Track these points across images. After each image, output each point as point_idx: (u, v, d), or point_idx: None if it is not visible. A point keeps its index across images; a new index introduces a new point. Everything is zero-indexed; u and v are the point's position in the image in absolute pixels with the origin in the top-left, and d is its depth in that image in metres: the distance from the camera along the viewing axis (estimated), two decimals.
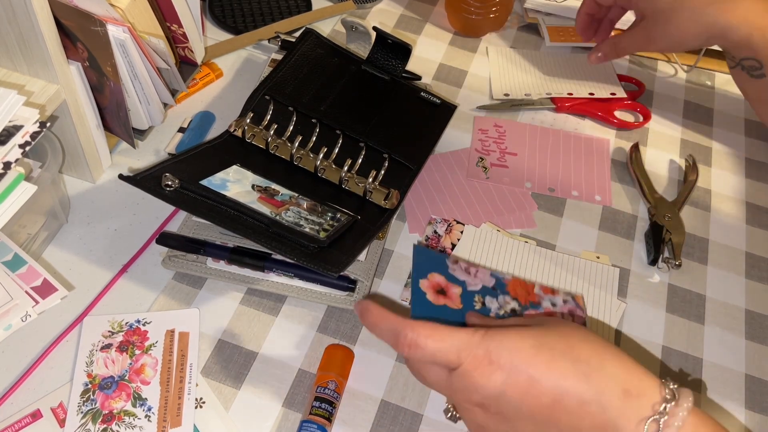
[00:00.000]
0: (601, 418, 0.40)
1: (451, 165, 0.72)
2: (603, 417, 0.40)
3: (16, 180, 0.50)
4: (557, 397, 0.41)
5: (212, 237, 0.59)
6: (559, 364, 0.41)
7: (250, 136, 0.66)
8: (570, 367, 0.41)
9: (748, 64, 0.69)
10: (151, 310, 0.58)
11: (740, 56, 0.69)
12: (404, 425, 0.54)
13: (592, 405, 0.40)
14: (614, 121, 0.78)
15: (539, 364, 0.41)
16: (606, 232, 0.69)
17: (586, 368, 0.41)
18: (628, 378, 0.41)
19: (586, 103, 0.79)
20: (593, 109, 0.79)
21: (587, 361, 0.41)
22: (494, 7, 0.84)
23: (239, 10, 0.86)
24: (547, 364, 0.41)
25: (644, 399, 0.40)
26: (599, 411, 0.40)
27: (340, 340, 0.58)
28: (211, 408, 0.53)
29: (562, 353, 0.41)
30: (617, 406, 0.40)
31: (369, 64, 0.73)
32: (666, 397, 0.40)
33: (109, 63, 0.57)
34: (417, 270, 0.50)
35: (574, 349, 0.41)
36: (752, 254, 0.69)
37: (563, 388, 0.40)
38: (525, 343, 0.42)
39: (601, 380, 0.40)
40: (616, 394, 0.40)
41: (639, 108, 0.80)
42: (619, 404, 0.40)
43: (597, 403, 0.40)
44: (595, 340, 0.43)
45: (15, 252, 0.55)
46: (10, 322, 0.51)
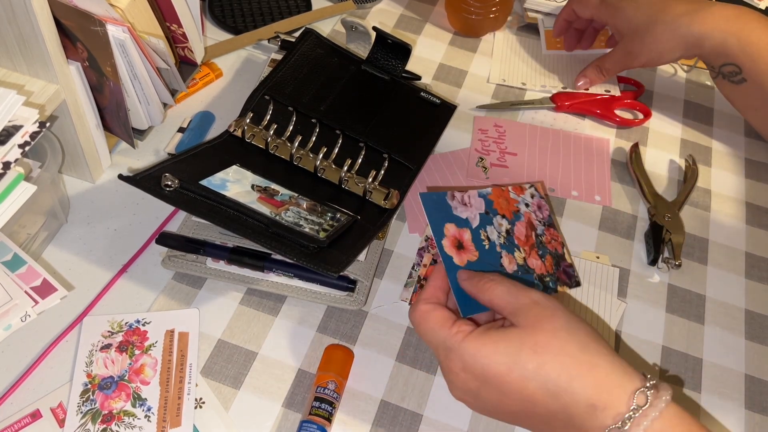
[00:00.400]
0: (569, 424, 0.43)
1: (451, 165, 0.72)
2: (570, 423, 0.43)
3: (16, 180, 0.50)
4: (527, 407, 0.44)
5: (212, 237, 0.59)
6: (528, 385, 0.43)
7: (250, 136, 0.66)
8: (539, 388, 0.43)
9: (728, 71, 0.70)
10: (150, 310, 0.58)
11: (719, 64, 0.71)
12: (404, 425, 0.54)
13: (559, 416, 0.43)
14: (616, 119, 0.78)
15: (510, 383, 0.44)
16: (606, 232, 0.69)
17: (554, 388, 0.43)
18: (595, 393, 0.42)
19: (586, 102, 0.79)
20: (593, 108, 0.79)
21: (556, 381, 0.43)
22: (494, 7, 0.84)
23: (239, 10, 0.86)
24: (517, 384, 0.43)
25: (609, 410, 0.42)
26: (566, 419, 0.43)
27: (339, 340, 0.58)
28: (210, 408, 0.53)
29: (533, 373, 0.43)
30: (584, 417, 0.42)
31: (369, 64, 0.73)
32: (634, 405, 0.42)
33: (108, 63, 0.57)
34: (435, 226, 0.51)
35: (544, 366, 0.43)
36: (752, 254, 0.69)
37: (533, 403, 0.44)
38: (497, 355, 0.44)
39: (567, 398, 0.43)
40: (581, 408, 0.42)
41: (639, 107, 0.80)
42: (585, 416, 0.42)
43: (564, 415, 0.43)
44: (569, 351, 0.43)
45: (15, 252, 0.55)
46: (10, 322, 0.51)
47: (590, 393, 0.42)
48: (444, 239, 0.51)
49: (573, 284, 0.59)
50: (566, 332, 0.44)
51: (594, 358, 0.43)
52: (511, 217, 0.57)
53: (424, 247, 0.64)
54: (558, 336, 0.44)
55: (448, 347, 0.46)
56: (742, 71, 0.69)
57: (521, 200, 0.59)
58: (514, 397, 0.44)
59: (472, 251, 0.52)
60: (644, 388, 0.42)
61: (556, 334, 0.44)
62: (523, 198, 0.59)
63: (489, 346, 0.44)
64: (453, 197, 0.54)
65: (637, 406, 0.41)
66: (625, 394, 0.42)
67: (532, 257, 0.57)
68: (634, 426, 0.41)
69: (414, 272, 0.63)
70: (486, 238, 0.54)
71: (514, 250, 0.55)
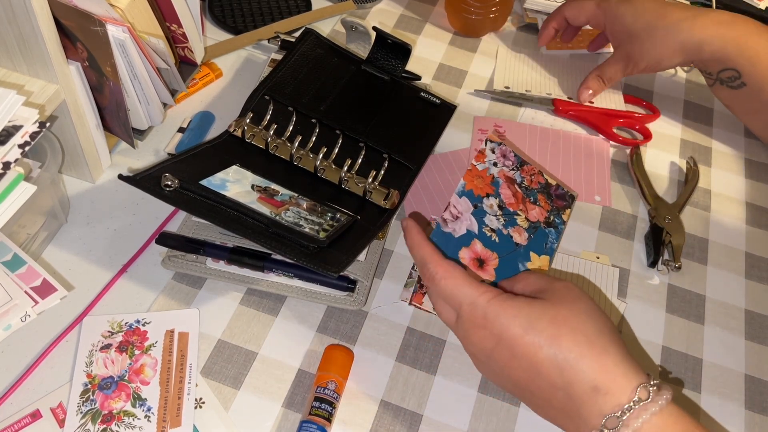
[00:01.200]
0: (567, 403, 0.44)
1: (451, 165, 0.72)
2: (569, 403, 0.44)
3: (16, 180, 0.50)
4: (533, 376, 0.45)
5: (212, 237, 0.59)
6: (538, 352, 0.44)
7: (250, 136, 0.66)
8: (548, 357, 0.44)
9: (727, 76, 0.70)
10: (150, 310, 0.58)
11: (717, 70, 0.71)
12: (404, 425, 0.54)
13: (560, 391, 0.44)
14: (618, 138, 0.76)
15: (523, 345, 0.45)
16: (606, 233, 0.69)
17: (563, 362, 0.44)
18: (601, 377, 0.43)
19: (586, 112, 0.78)
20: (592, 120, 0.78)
21: (566, 354, 0.44)
22: (494, 7, 0.84)
23: (239, 10, 0.86)
24: (529, 347, 0.45)
25: (611, 397, 0.43)
26: (566, 397, 0.44)
27: (340, 340, 0.58)
28: (210, 408, 0.53)
29: (547, 340, 0.44)
30: (583, 399, 0.43)
31: (369, 64, 0.73)
32: (635, 398, 0.42)
33: (108, 63, 0.57)
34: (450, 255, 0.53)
35: (558, 338, 0.44)
36: (752, 254, 0.69)
37: (538, 372, 0.45)
38: (518, 318, 0.45)
39: (572, 375, 0.44)
40: (584, 389, 0.43)
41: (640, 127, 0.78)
42: (585, 398, 0.43)
43: (564, 391, 0.44)
44: (585, 332, 0.45)
45: (14, 252, 0.55)
46: (10, 322, 0.51)
47: (596, 376, 0.43)
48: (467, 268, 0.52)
49: (570, 201, 0.60)
50: (586, 315, 0.46)
51: (607, 345, 0.44)
52: (492, 191, 0.57)
53: None
54: (578, 316, 0.45)
55: (473, 303, 0.47)
56: (741, 75, 0.69)
57: (488, 164, 0.59)
58: (522, 362, 0.45)
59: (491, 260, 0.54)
60: (647, 384, 0.43)
61: (576, 313, 0.45)
62: (488, 160, 0.60)
63: (513, 309, 0.46)
64: (444, 221, 0.54)
65: (639, 399, 0.42)
66: (629, 385, 0.43)
67: (529, 210, 0.57)
68: (633, 418, 0.42)
69: (414, 272, 0.63)
70: (491, 231, 0.54)
71: (515, 218, 0.56)
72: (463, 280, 0.48)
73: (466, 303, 0.48)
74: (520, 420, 0.55)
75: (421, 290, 0.61)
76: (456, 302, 0.48)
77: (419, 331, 0.59)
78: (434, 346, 0.59)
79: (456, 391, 0.56)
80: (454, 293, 0.48)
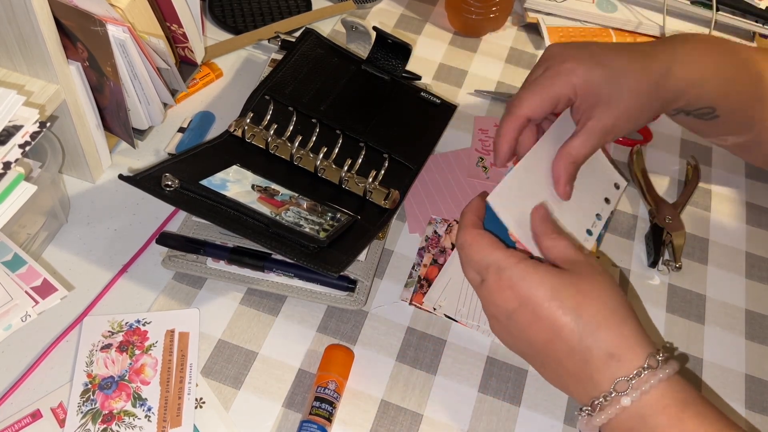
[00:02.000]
0: (582, 368, 0.46)
1: (451, 165, 0.72)
2: (583, 367, 0.46)
3: (16, 180, 0.50)
4: (551, 338, 0.47)
5: (212, 237, 0.59)
6: (561, 317, 0.46)
7: (250, 136, 0.66)
8: (569, 323, 0.46)
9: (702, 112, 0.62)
10: (151, 310, 0.58)
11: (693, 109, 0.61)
12: (404, 425, 0.54)
13: (577, 355, 0.46)
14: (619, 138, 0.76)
15: (547, 309, 0.46)
16: (606, 232, 0.68)
17: (583, 328, 0.46)
18: (617, 344, 0.45)
19: None
20: None
21: (587, 322, 0.46)
22: (494, 7, 0.84)
23: (239, 10, 0.86)
24: (552, 311, 0.46)
25: (625, 363, 0.45)
26: (582, 362, 0.46)
27: (340, 340, 0.58)
28: (211, 408, 0.53)
29: (570, 308, 0.46)
30: (598, 364, 0.45)
31: (369, 64, 0.73)
32: (645, 365, 0.45)
33: (108, 63, 0.57)
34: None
35: (581, 307, 0.46)
36: (752, 254, 0.69)
37: (557, 335, 0.46)
38: (543, 285, 0.47)
39: (591, 341, 0.46)
40: (599, 355, 0.45)
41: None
42: (600, 363, 0.45)
43: (581, 356, 0.46)
44: (605, 303, 0.47)
45: (15, 252, 0.55)
46: (10, 322, 0.51)
47: (612, 343, 0.45)
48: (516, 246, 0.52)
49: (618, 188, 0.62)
50: (610, 290, 0.47)
51: (625, 317, 0.47)
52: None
53: (424, 247, 0.64)
54: (600, 290, 0.47)
55: (500, 266, 0.48)
56: (716, 110, 0.61)
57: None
58: (543, 324, 0.47)
59: None
60: (657, 355, 0.45)
61: (600, 287, 0.47)
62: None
63: (539, 274, 0.47)
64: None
65: (648, 366, 0.45)
66: (643, 353, 0.45)
67: None
68: (642, 381, 0.44)
69: (414, 272, 0.63)
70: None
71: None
72: (489, 246, 0.49)
73: (492, 267, 0.49)
74: (520, 420, 0.55)
75: (421, 290, 0.61)
76: (483, 266, 0.49)
77: (419, 331, 0.59)
78: (434, 346, 0.59)
79: (456, 391, 0.56)
80: (481, 258, 0.49)
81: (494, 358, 0.58)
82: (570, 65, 0.55)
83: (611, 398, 0.45)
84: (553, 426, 0.55)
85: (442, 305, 0.60)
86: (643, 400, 0.44)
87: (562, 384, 0.49)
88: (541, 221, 0.52)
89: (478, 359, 0.58)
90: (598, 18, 0.88)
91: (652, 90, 0.56)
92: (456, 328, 0.60)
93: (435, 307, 0.60)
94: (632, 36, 0.88)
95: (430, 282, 0.62)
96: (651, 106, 0.57)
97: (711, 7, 0.84)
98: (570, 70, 0.55)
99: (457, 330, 0.60)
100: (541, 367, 0.50)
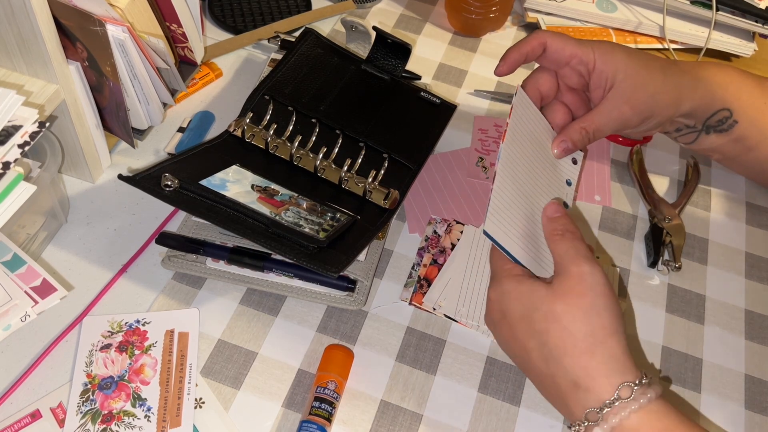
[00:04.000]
0: (555, 391, 0.47)
1: (451, 165, 0.72)
2: (556, 391, 0.47)
3: (15, 180, 0.50)
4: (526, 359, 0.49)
5: (212, 237, 0.59)
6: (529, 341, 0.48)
7: (250, 136, 0.66)
8: (536, 348, 0.47)
9: (718, 119, 0.62)
10: (150, 310, 0.58)
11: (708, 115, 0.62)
12: (404, 425, 0.54)
13: (548, 379, 0.47)
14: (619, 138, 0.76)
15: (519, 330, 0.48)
16: (606, 233, 0.68)
17: (548, 355, 0.47)
18: (581, 375, 0.45)
19: None
20: None
21: (552, 349, 0.46)
22: (494, 7, 0.84)
23: (239, 10, 0.86)
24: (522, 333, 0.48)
25: (592, 393, 0.45)
26: (553, 386, 0.47)
27: (339, 340, 0.58)
28: (210, 408, 0.53)
29: (537, 332, 0.47)
30: (566, 392, 0.46)
31: (369, 64, 0.73)
32: (615, 396, 0.44)
33: (108, 63, 0.57)
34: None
35: (547, 332, 0.47)
36: (752, 254, 0.69)
37: (529, 357, 0.48)
38: (519, 306, 0.48)
39: (555, 368, 0.47)
40: (565, 382, 0.46)
41: None
42: (568, 391, 0.46)
43: (551, 380, 0.47)
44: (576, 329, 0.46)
45: (14, 252, 0.55)
46: (10, 322, 0.51)
47: (576, 373, 0.46)
48: None
49: None
50: (583, 314, 0.46)
51: (594, 345, 0.46)
52: None
53: (424, 247, 0.64)
54: (573, 314, 0.46)
55: (494, 277, 0.52)
56: (732, 114, 0.62)
57: None
58: (518, 344, 0.49)
59: None
60: (632, 383, 0.44)
61: (572, 311, 0.46)
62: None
63: (517, 293, 0.49)
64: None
65: (619, 397, 0.44)
66: (609, 385, 0.45)
67: None
68: (612, 414, 0.44)
69: (414, 272, 0.63)
70: None
71: None
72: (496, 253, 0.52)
73: (492, 273, 0.52)
74: (520, 420, 0.55)
75: (420, 290, 0.61)
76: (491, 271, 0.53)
77: (419, 331, 0.59)
78: (434, 346, 0.59)
79: (456, 391, 0.56)
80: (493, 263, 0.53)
81: (494, 358, 0.58)
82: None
83: (585, 426, 0.45)
84: (552, 426, 0.55)
85: (442, 305, 0.60)
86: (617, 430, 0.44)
87: (547, 398, 0.50)
88: (549, 221, 0.53)
89: (478, 359, 0.58)
90: (598, 18, 0.88)
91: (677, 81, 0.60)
92: (456, 328, 0.60)
93: (435, 307, 0.60)
94: (632, 36, 0.88)
95: (430, 282, 0.62)
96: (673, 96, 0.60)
97: (711, 7, 0.84)
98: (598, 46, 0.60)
99: (456, 330, 0.60)
100: (530, 378, 0.51)
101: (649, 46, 0.88)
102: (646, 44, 0.87)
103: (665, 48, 0.87)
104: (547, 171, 0.58)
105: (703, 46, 0.85)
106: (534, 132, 0.58)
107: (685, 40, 0.87)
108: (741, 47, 0.87)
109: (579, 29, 0.88)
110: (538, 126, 0.59)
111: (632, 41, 0.87)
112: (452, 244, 0.65)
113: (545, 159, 0.58)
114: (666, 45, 0.87)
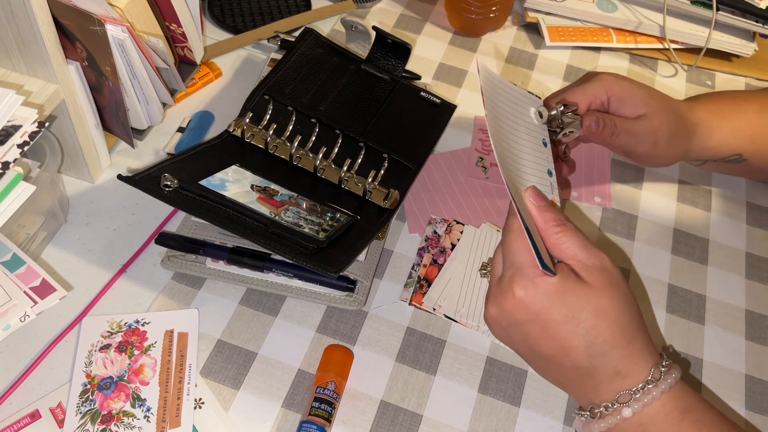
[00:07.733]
0: (585, 380, 0.47)
1: (451, 165, 0.72)
2: (587, 379, 0.47)
3: (15, 180, 0.50)
4: (558, 354, 0.47)
5: (211, 237, 0.59)
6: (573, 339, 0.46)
7: (250, 135, 0.66)
8: (581, 346, 0.46)
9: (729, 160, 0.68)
10: (150, 310, 0.58)
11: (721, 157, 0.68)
12: (404, 425, 0.54)
13: (582, 371, 0.47)
14: None
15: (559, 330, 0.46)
16: (606, 233, 0.68)
17: (594, 350, 0.46)
18: (625, 362, 0.46)
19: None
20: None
21: (601, 345, 0.46)
22: (494, 7, 0.84)
23: (238, 10, 0.86)
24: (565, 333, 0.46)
25: (630, 378, 0.46)
26: (586, 375, 0.47)
27: (339, 340, 0.58)
28: (210, 408, 0.53)
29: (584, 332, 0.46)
30: (603, 379, 0.46)
31: (368, 64, 0.73)
32: (650, 378, 0.46)
33: (107, 63, 0.57)
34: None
35: (596, 329, 0.46)
36: (752, 254, 0.69)
37: (566, 353, 0.46)
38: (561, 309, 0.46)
39: (601, 360, 0.46)
40: (606, 372, 0.46)
41: None
42: (605, 379, 0.46)
43: (587, 371, 0.47)
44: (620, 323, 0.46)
45: (14, 252, 0.55)
46: (9, 322, 0.51)
47: (621, 361, 0.46)
48: None
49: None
50: (625, 304, 0.47)
51: (635, 332, 0.47)
52: None
53: (424, 247, 0.64)
54: (617, 306, 0.47)
55: (523, 272, 0.47)
56: (743, 155, 0.67)
57: None
58: (553, 343, 0.47)
59: None
60: (660, 365, 0.46)
61: (617, 303, 0.47)
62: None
63: (558, 294, 0.46)
64: None
65: (653, 378, 0.46)
66: (646, 368, 0.46)
67: None
68: (645, 394, 0.45)
69: (414, 272, 0.63)
70: None
71: None
72: (525, 245, 0.47)
73: (515, 268, 0.47)
74: (520, 420, 0.55)
75: (420, 290, 0.61)
76: (509, 259, 0.48)
77: (419, 331, 0.59)
78: (434, 347, 0.59)
79: (456, 391, 0.56)
80: (508, 252, 0.48)
81: (494, 358, 0.58)
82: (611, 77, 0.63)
83: (613, 409, 0.46)
84: (552, 426, 0.55)
85: (442, 305, 0.60)
86: (644, 410, 0.45)
87: (561, 386, 0.50)
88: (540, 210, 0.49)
89: (478, 360, 0.58)
90: (598, 18, 0.88)
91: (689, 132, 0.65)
92: (455, 329, 0.60)
93: (435, 307, 0.60)
94: (632, 36, 0.88)
95: (430, 282, 0.62)
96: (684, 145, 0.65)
97: (711, 7, 0.84)
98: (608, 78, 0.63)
99: (456, 330, 0.60)
100: (539, 369, 0.50)
101: (650, 45, 0.88)
102: (646, 44, 0.87)
103: (665, 48, 0.87)
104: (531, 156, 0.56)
105: (703, 45, 0.85)
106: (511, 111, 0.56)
107: (686, 40, 0.87)
108: (741, 47, 0.87)
109: (579, 29, 0.88)
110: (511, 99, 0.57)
111: (632, 41, 0.87)
112: (452, 244, 0.65)
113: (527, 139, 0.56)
114: (666, 45, 0.87)
